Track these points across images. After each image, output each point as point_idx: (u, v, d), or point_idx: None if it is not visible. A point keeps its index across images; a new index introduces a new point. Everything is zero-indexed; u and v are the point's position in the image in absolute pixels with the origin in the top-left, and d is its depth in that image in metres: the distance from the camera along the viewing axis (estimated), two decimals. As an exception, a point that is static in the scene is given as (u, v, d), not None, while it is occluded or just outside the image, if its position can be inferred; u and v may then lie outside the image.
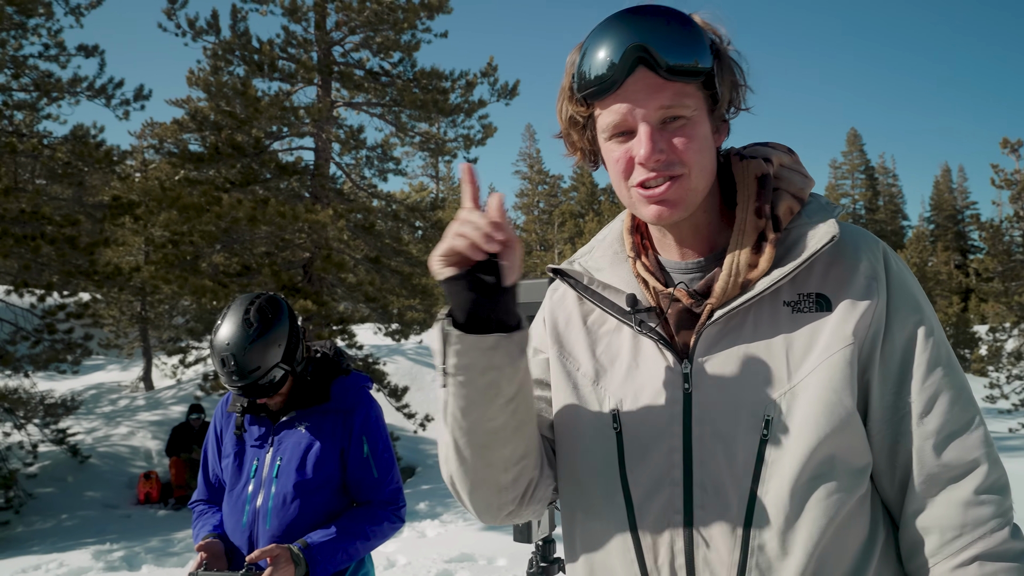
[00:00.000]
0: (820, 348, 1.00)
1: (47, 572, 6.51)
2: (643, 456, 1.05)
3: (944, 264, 43.75)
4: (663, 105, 0.98)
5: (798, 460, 0.97)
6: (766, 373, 1.01)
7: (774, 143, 1.17)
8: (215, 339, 2.03)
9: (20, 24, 11.12)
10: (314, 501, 2.09)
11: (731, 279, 1.03)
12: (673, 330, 1.08)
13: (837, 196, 58.53)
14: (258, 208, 10.66)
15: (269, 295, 2.16)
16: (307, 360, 2.21)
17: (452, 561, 5.89)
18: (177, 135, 13.06)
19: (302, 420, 2.15)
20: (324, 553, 1.99)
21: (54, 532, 9.59)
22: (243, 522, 2.16)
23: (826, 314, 1.01)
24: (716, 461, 1.01)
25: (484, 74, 12.64)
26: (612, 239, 1.21)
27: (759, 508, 0.98)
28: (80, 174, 11.82)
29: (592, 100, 1.03)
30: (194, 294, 10.68)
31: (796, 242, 1.04)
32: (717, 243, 1.11)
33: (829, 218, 1.05)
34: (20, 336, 10.99)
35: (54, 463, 11.55)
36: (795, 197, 1.08)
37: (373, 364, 12.48)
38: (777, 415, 0.99)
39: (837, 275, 1.03)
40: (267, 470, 2.15)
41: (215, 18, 11.78)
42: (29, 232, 10.38)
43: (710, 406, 1.02)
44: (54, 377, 12.84)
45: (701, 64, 0.99)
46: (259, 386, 2.04)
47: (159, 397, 16.08)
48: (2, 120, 11.32)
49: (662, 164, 0.99)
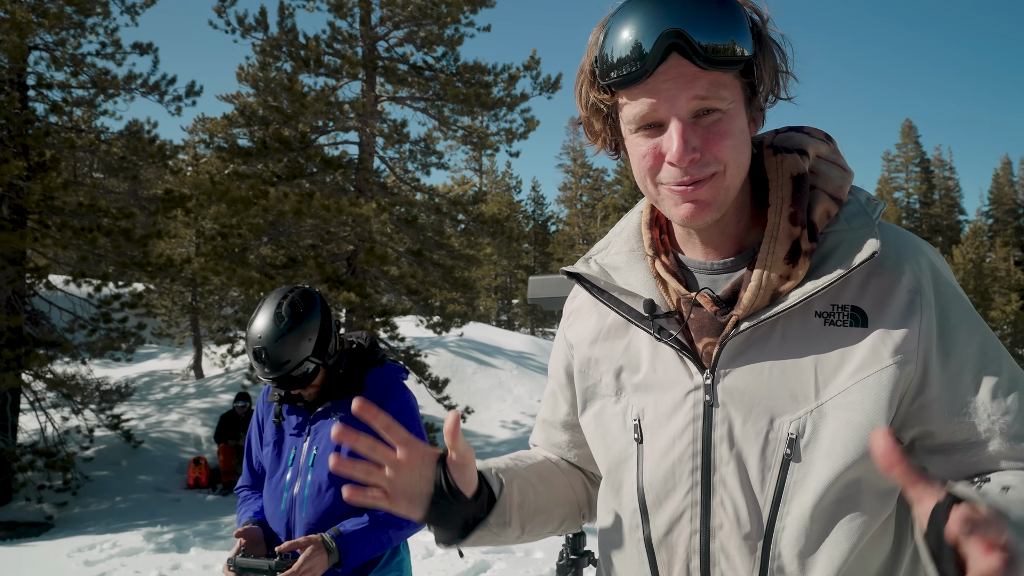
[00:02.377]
0: (853, 367, 0.93)
1: (101, 552, 6.76)
2: (660, 470, 1.01)
3: (1003, 260, 42.19)
4: (697, 95, 0.89)
5: (823, 482, 0.92)
6: (792, 389, 0.94)
7: (810, 128, 1.07)
8: (249, 332, 2.08)
9: (79, 23, 11.49)
10: (348, 490, 2.12)
11: (760, 290, 0.95)
12: (694, 336, 1.02)
13: (891, 189, 56.87)
14: (304, 201, 10.85)
15: (303, 289, 2.18)
16: (341, 352, 2.24)
17: (490, 552, 5.93)
18: (227, 130, 13.37)
19: (337, 410, 2.18)
20: (357, 542, 2.02)
21: (108, 514, 9.96)
22: (281, 509, 2.20)
23: (861, 329, 0.94)
24: (736, 479, 0.96)
25: (527, 67, 12.62)
26: (629, 233, 1.13)
27: (779, 529, 0.94)
28: (135, 168, 12.17)
29: (617, 88, 0.93)
30: (242, 285, 10.94)
31: (832, 250, 0.96)
32: (745, 243, 1.02)
33: (870, 223, 0.96)
34: (78, 324, 11.40)
35: (109, 447, 11.96)
36: (833, 198, 0.98)
37: (415, 356, 12.60)
38: (802, 434, 0.93)
39: (876, 288, 0.95)
40: (304, 459, 2.19)
41: (263, 15, 12.01)
42: (87, 224, 10.77)
43: (732, 420, 0.97)
44: (109, 364, 13.30)
45: (741, 51, 0.88)
46: (291, 378, 2.08)
47: (208, 385, 16.51)
48: (62, 116, 11.72)
49: (696, 164, 0.90)
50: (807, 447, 0.93)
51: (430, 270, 13.16)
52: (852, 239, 0.95)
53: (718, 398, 0.98)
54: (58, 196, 10.66)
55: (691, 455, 0.99)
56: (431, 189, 13.98)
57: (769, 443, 0.95)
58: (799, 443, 0.93)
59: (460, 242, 15.08)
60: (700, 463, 0.98)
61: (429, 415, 13.48)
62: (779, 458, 0.94)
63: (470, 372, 15.81)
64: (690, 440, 0.99)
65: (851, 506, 0.93)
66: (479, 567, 5.61)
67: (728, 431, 0.97)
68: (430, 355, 14.51)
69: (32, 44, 10.92)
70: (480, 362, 16.51)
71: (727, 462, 0.96)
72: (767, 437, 0.95)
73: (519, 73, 12.62)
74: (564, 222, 45.85)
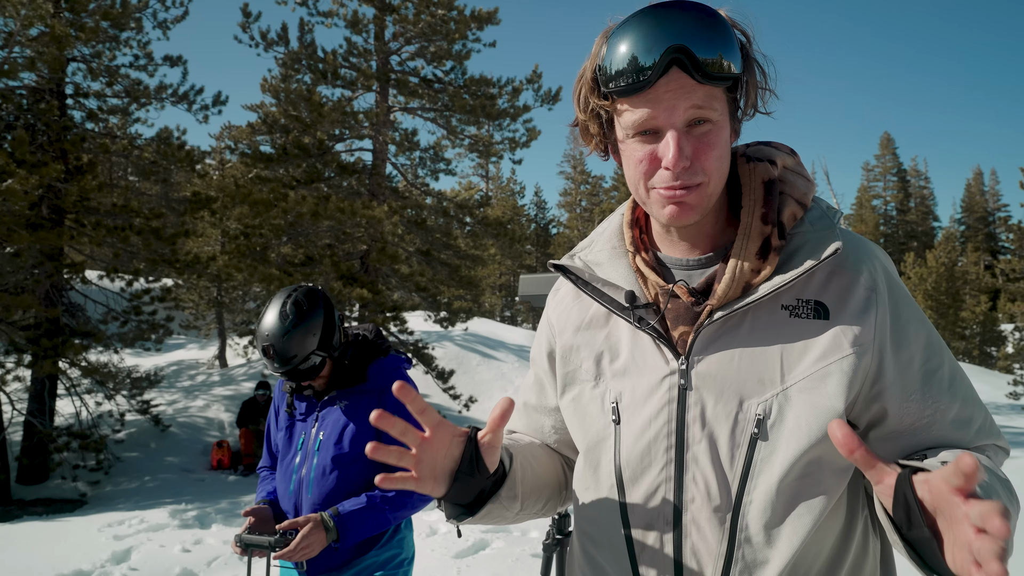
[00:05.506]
0: (816, 355, 0.95)
1: (129, 527, 6.78)
2: (637, 448, 1.02)
3: (974, 264, 42.04)
4: (694, 105, 0.91)
5: (788, 460, 0.94)
6: (760, 373, 0.96)
7: (777, 143, 1.10)
8: (258, 330, 2.09)
9: (114, 37, 11.51)
10: (351, 472, 2.13)
11: (734, 282, 0.97)
12: (670, 326, 1.03)
13: (870, 197, 56.68)
14: (321, 204, 10.87)
15: (307, 287, 2.19)
16: (346, 344, 2.25)
17: (488, 532, 5.94)
18: (251, 137, 13.40)
19: (342, 399, 2.19)
20: (354, 521, 2.03)
21: (137, 492, 10.00)
22: (290, 490, 2.22)
23: (824, 322, 0.96)
24: (708, 456, 0.97)
25: (529, 81, 12.61)
26: (611, 233, 1.14)
27: (747, 503, 0.95)
28: (165, 172, 12.19)
29: (618, 96, 0.94)
30: (263, 281, 10.97)
31: (799, 249, 0.99)
32: (718, 242, 1.05)
33: (832, 226, 1.00)
34: (111, 316, 11.45)
35: (139, 431, 12.01)
36: (799, 203, 1.02)
37: (423, 349, 12.61)
38: (769, 415, 0.95)
39: (837, 285, 0.98)
40: (311, 443, 2.20)
41: (284, 31, 12.02)
42: (120, 223, 10.80)
43: (704, 403, 0.98)
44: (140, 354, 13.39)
45: (734, 68, 0.91)
46: (299, 371, 2.09)
47: (232, 374, 16.55)
48: (97, 123, 11.75)
49: (686, 172, 0.93)
50: (773, 427, 0.95)
51: (438, 269, 13.17)
52: (816, 239, 0.98)
53: (692, 382, 0.99)
54: (93, 197, 10.71)
55: (666, 434, 1.00)
56: (439, 194, 13.98)
57: (738, 423, 0.96)
58: (766, 423, 0.95)
59: (466, 243, 15.10)
60: (674, 442, 1.00)
61: (435, 403, 13.50)
62: (747, 437, 0.96)
63: (475, 364, 15.82)
64: (665, 420, 1.00)
65: (813, 483, 0.95)
66: (479, 545, 5.62)
67: (701, 412, 0.98)
68: (437, 348, 14.52)
69: (70, 56, 10.95)
70: (484, 355, 16.52)
71: (699, 441, 0.98)
72: (736, 418, 0.96)
73: (522, 86, 12.61)
74: (564, 225, 45.80)
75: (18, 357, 10.16)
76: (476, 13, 11.99)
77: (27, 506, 9.52)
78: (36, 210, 10.12)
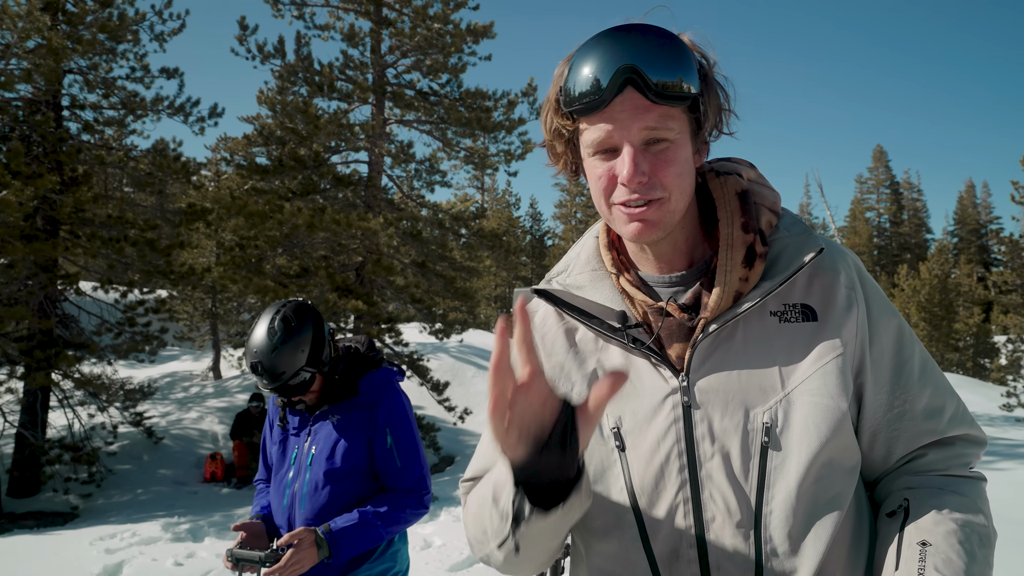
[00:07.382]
0: (813, 357, 0.97)
1: (121, 540, 6.72)
2: (649, 473, 1.00)
3: (967, 276, 42.20)
4: (648, 126, 0.92)
5: (801, 464, 0.93)
6: (760, 382, 0.97)
7: (738, 159, 1.12)
8: (247, 347, 2.07)
9: (110, 49, 11.53)
10: (343, 487, 2.13)
11: (725, 293, 0.98)
12: (664, 343, 1.02)
13: (863, 209, 56.94)
14: (316, 216, 10.87)
15: (297, 303, 2.16)
16: (337, 358, 2.24)
17: (483, 545, 5.91)
18: (246, 149, 13.40)
19: (334, 413, 2.19)
20: (346, 537, 2.03)
21: (130, 505, 9.91)
22: (284, 504, 2.21)
23: (813, 324, 0.99)
24: (722, 471, 0.96)
25: (524, 94, 12.68)
26: (588, 255, 1.13)
27: (767, 514, 0.94)
28: (161, 183, 12.18)
29: (578, 116, 0.96)
30: (258, 293, 10.94)
31: (780, 253, 1.01)
32: (695, 258, 1.06)
33: (807, 230, 1.02)
34: (105, 328, 11.40)
35: (132, 443, 11.92)
36: (771, 211, 1.05)
37: (418, 360, 12.59)
38: (776, 422, 0.95)
39: (820, 286, 1.01)
40: (304, 458, 2.20)
41: (281, 43, 12.07)
42: (115, 235, 10.78)
43: (710, 418, 0.97)
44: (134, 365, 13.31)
45: (688, 88, 0.93)
46: (289, 387, 2.08)
47: (226, 386, 16.47)
48: (93, 135, 11.75)
49: (643, 187, 0.93)
50: (782, 433, 0.95)
51: (433, 280, 13.17)
52: (795, 243, 1.01)
53: (695, 398, 0.99)
54: (88, 208, 10.68)
55: (677, 454, 0.98)
56: (435, 205, 14.00)
57: (748, 435, 0.96)
58: (775, 431, 0.95)
59: (462, 255, 15.11)
60: (686, 461, 0.98)
61: (430, 416, 13.46)
62: (758, 447, 0.95)
63: (470, 376, 15.79)
64: (674, 440, 0.99)
65: (828, 486, 0.95)
66: (473, 558, 5.59)
67: (708, 428, 0.98)
68: (432, 359, 14.49)
69: (67, 68, 10.96)
70: (479, 367, 16.49)
71: (711, 457, 0.97)
72: (745, 428, 0.96)
73: (517, 99, 12.67)
74: (559, 237, 45.89)
75: (11, 369, 10.11)
76: (472, 27, 12.07)
77: (18, 519, 9.42)
78: (31, 221, 10.10)
